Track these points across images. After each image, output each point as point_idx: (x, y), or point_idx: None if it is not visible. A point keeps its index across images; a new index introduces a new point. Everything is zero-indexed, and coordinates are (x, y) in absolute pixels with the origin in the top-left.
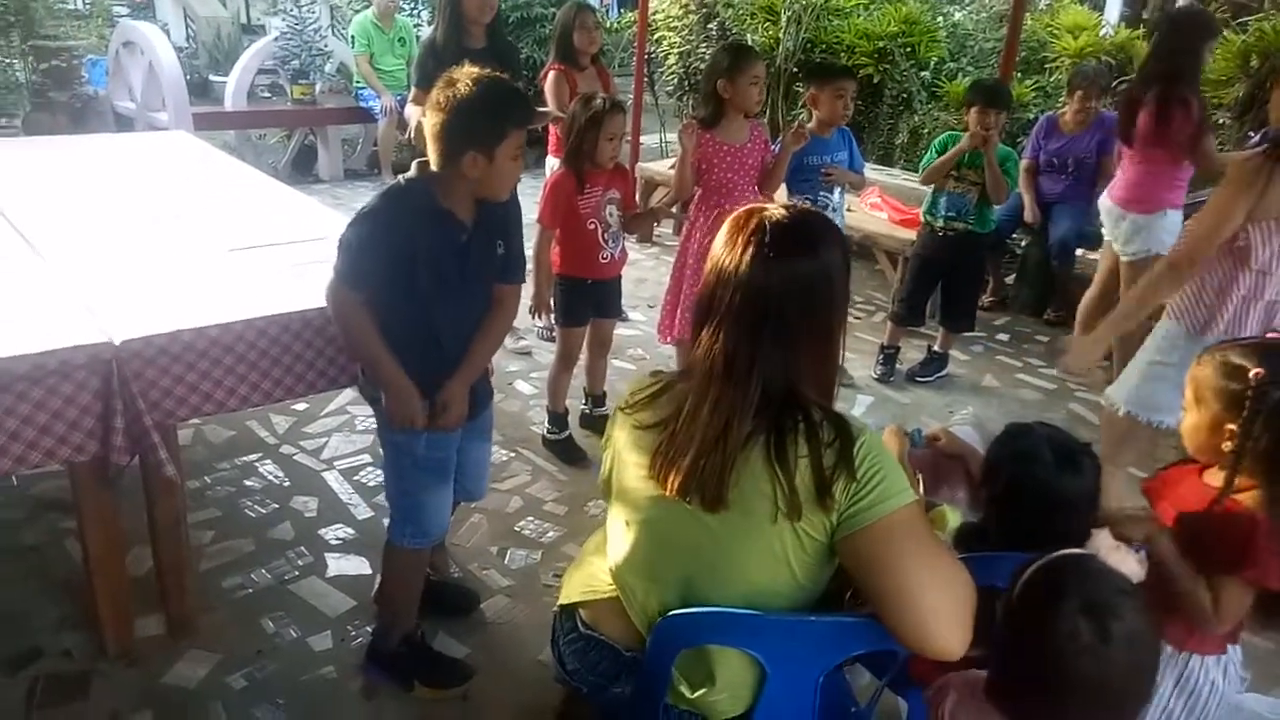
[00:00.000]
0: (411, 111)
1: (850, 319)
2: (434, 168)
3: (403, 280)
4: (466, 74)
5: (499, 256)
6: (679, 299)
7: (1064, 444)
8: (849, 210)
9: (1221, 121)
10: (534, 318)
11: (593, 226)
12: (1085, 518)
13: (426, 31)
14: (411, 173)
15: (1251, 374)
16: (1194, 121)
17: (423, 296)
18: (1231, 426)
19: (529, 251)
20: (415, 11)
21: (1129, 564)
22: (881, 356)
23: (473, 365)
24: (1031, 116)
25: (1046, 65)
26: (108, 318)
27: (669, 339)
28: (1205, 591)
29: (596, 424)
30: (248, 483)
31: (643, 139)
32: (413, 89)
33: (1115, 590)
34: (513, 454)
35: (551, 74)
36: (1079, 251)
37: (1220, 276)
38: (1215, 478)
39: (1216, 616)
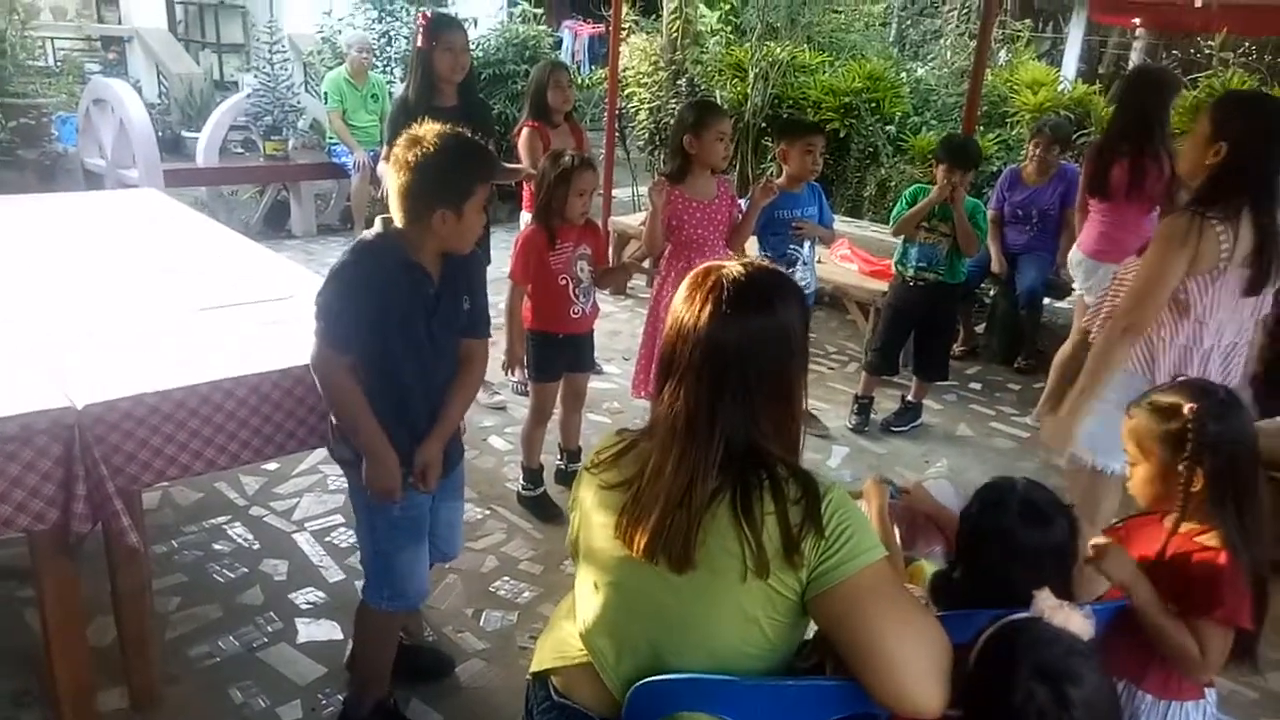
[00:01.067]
0: (385, 169)
1: (824, 369)
2: (399, 224)
3: (377, 338)
4: (431, 131)
5: (465, 312)
6: (651, 353)
7: (1037, 498)
8: (819, 262)
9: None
10: (507, 373)
11: (564, 282)
12: (1053, 573)
13: (399, 88)
14: (377, 228)
15: (1186, 409)
16: (1166, 175)
17: (394, 354)
18: (1180, 468)
19: (501, 306)
20: (388, 68)
21: (1075, 621)
22: (856, 406)
23: (447, 423)
24: (995, 169)
25: (1008, 119)
26: (71, 381)
27: (644, 393)
28: (1191, 640)
29: (571, 479)
30: (216, 546)
31: (615, 193)
32: (385, 147)
33: (1066, 652)
34: (487, 511)
35: (525, 131)
36: (1045, 300)
37: (1163, 326)
38: (1170, 521)
39: (1205, 662)
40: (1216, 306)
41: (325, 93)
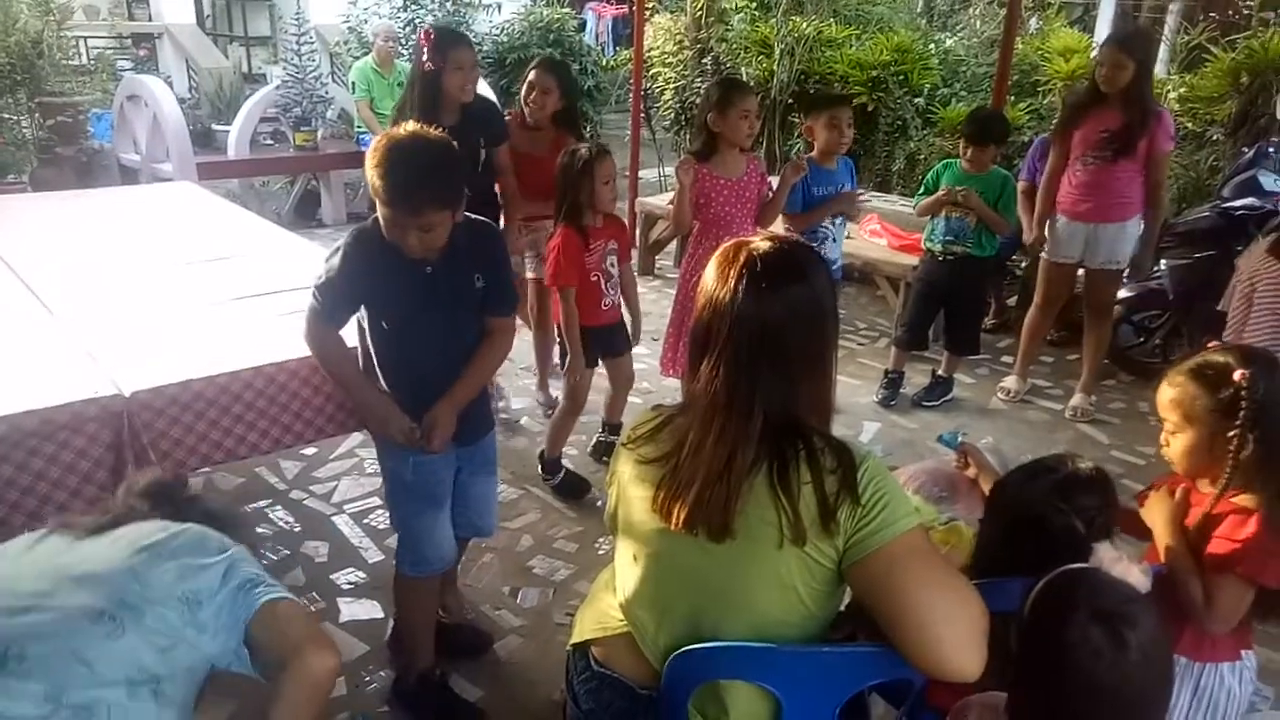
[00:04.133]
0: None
1: (853, 345)
2: None
3: (375, 317)
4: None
5: (478, 289)
6: (681, 332)
7: (1072, 474)
8: (848, 238)
9: (1215, 138)
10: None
11: (595, 279)
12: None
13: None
14: (368, 221)
15: (1237, 375)
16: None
17: (394, 330)
18: (1230, 435)
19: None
20: (414, 56)
21: (1133, 574)
22: (885, 380)
23: (460, 390)
24: (1025, 139)
25: (1039, 88)
26: (117, 370)
27: (673, 371)
28: (1198, 588)
29: (607, 450)
30: (258, 529)
31: (641, 174)
32: None
33: (1124, 599)
34: (522, 491)
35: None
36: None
37: None
38: (1206, 485)
39: (1209, 613)
40: None
41: (353, 82)
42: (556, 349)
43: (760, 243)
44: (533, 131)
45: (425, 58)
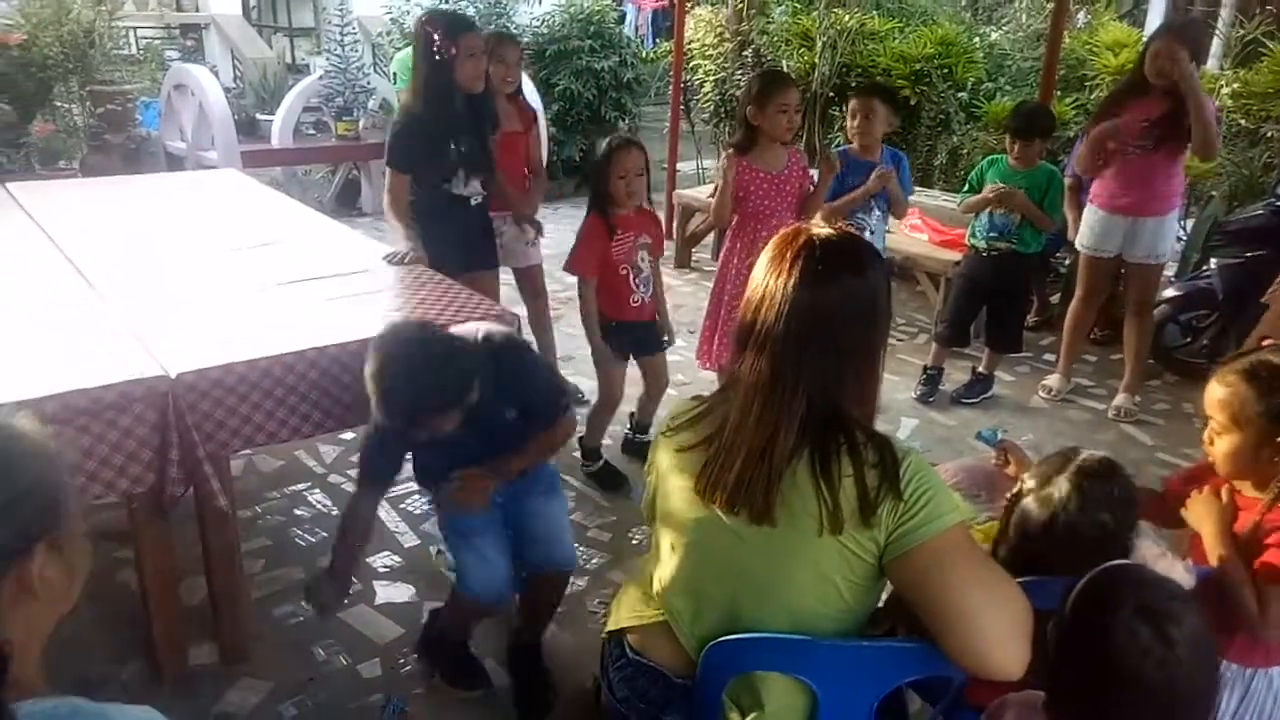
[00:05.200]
0: (388, 201)
1: (893, 341)
2: None
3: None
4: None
5: (513, 420)
6: (717, 324)
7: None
8: (888, 232)
9: (1269, 135)
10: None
11: (624, 272)
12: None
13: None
14: None
15: None
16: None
17: (436, 467)
18: None
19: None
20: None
21: (1177, 571)
22: (924, 377)
23: (500, 466)
24: (1072, 134)
25: (1086, 83)
26: (163, 352)
27: (709, 364)
28: (1251, 597)
29: (638, 449)
30: (297, 511)
31: (679, 166)
32: (390, 173)
33: (1169, 595)
34: None
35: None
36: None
37: None
38: (1248, 488)
39: (1263, 620)
40: None
41: (394, 73)
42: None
43: (821, 230)
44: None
45: (435, 47)
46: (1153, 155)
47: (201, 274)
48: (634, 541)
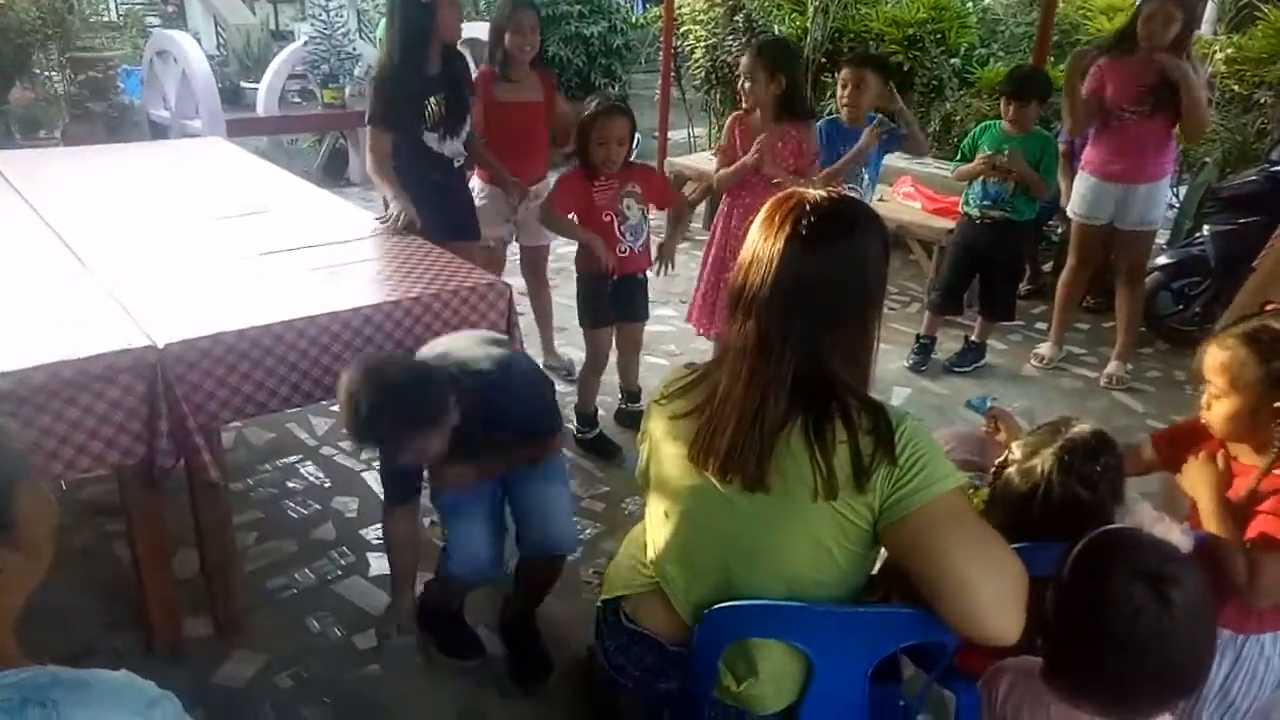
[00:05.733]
0: (372, 162)
1: (885, 310)
2: None
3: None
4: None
5: (503, 438)
6: (711, 287)
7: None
8: (880, 200)
9: (1262, 100)
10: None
11: (608, 218)
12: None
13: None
14: None
15: None
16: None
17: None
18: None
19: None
20: None
21: (1174, 534)
22: (916, 345)
23: (487, 468)
24: None
25: (1081, 48)
26: (150, 322)
27: (702, 329)
28: (1241, 564)
29: (631, 418)
30: (290, 484)
31: (670, 134)
32: (372, 129)
33: (1166, 558)
34: None
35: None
36: None
37: None
38: (1244, 453)
39: (1253, 588)
40: None
41: (380, 39)
42: (557, 310)
43: (815, 194)
44: (516, 83)
45: None
46: (1146, 121)
47: (188, 243)
48: (627, 512)
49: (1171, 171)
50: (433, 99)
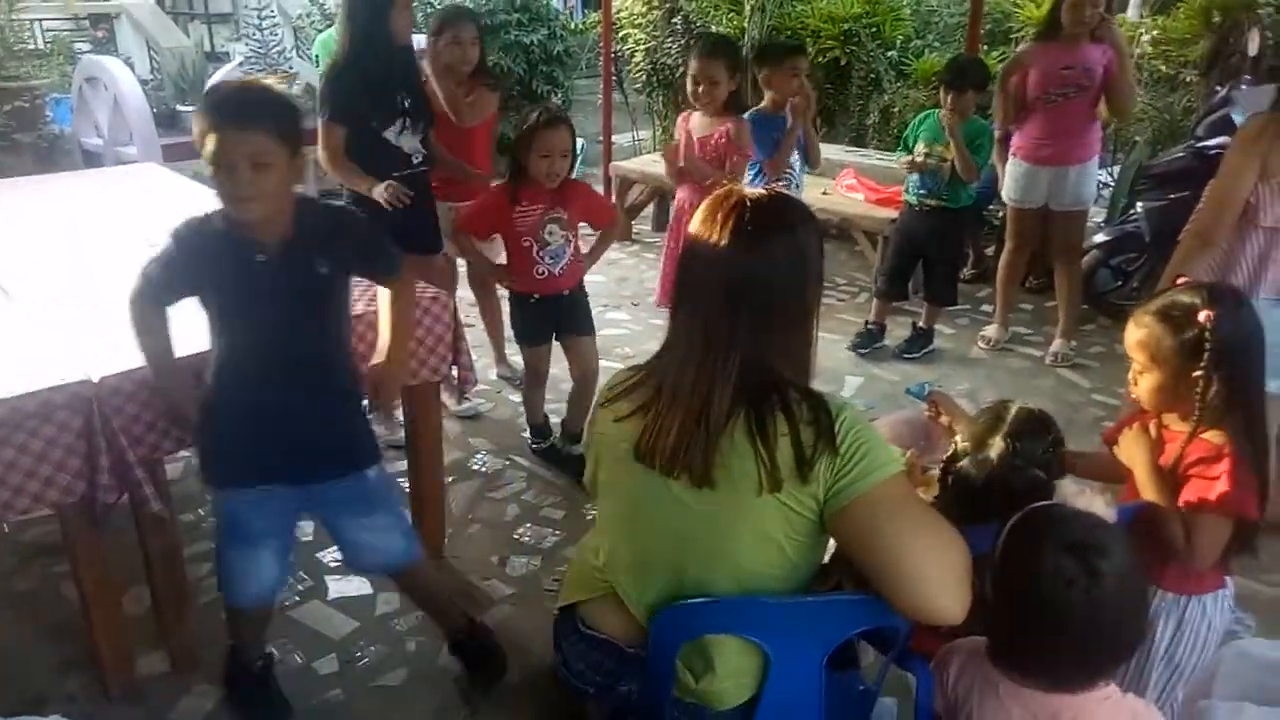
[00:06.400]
0: (326, 159)
1: (833, 301)
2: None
3: (206, 309)
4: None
5: (321, 276)
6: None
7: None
8: (823, 193)
9: (1187, 79)
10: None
11: (526, 244)
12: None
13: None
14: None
15: (1202, 316)
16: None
17: (223, 327)
18: (1196, 375)
19: None
20: None
21: (1097, 505)
22: (863, 329)
23: (393, 354)
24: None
25: (1012, 36)
26: (85, 356)
27: (665, 303)
28: (1179, 527)
29: (562, 463)
30: None
31: (615, 138)
32: (322, 124)
33: (1091, 528)
34: (506, 462)
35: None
36: None
37: (1236, 236)
38: (1174, 421)
39: (1190, 550)
40: None
41: (316, 55)
42: (507, 319)
43: (753, 191)
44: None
45: None
46: (1072, 104)
47: (122, 273)
48: (588, 518)
49: (1099, 151)
50: (391, 91)
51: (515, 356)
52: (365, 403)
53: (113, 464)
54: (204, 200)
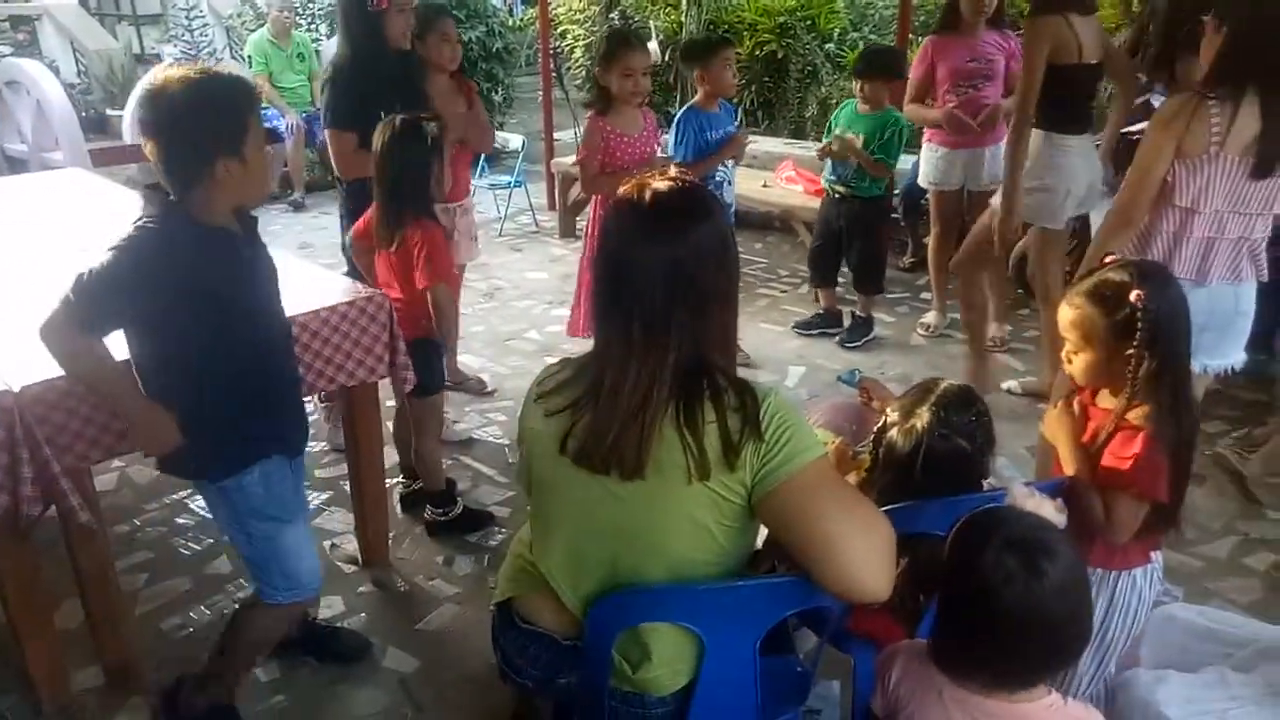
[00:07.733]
0: (341, 165)
1: (776, 293)
2: (176, 195)
3: (201, 324)
4: (174, 78)
5: (266, 246)
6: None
7: (941, 398)
8: (763, 185)
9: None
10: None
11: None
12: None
13: (326, 46)
14: (152, 202)
15: (1133, 296)
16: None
17: (224, 319)
18: (1129, 353)
19: None
20: (312, 25)
21: (1046, 508)
22: (814, 315)
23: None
24: None
25: None
26: (5, 365)
27: (582, 334)
28: (1098, 505)
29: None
30: (179, 520)
31: (557, 135)
32: (330, 132)
33: (1036, 527)
34: (450, 461)
35: None
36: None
37: (1154, 215)
38: (1105, 398)
39: (1109, 526)
40: (1210, 195)
41: (248, 56)
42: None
43: (659, 184)
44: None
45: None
46: (981, 91)
47: (45, 279)
48: None
49: None
50: (392, 97)
51: (464, 356)
52: (323, 404)
53: (37, 474)
54: (128, 204)
